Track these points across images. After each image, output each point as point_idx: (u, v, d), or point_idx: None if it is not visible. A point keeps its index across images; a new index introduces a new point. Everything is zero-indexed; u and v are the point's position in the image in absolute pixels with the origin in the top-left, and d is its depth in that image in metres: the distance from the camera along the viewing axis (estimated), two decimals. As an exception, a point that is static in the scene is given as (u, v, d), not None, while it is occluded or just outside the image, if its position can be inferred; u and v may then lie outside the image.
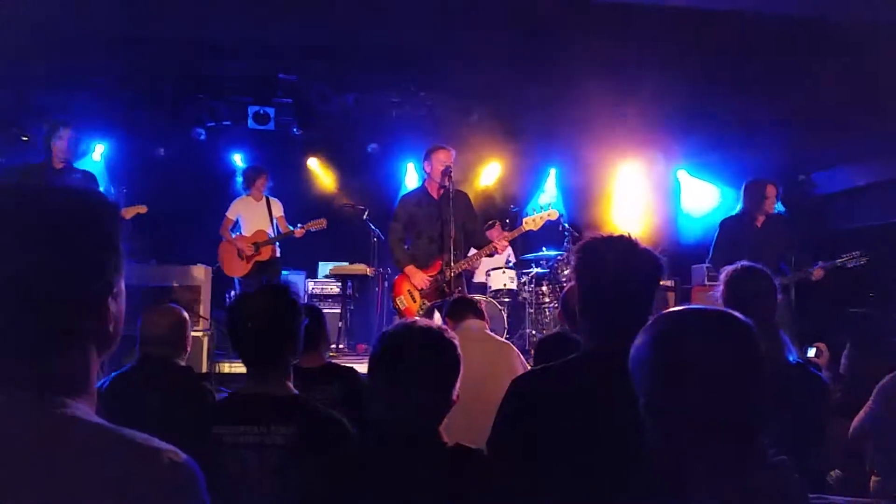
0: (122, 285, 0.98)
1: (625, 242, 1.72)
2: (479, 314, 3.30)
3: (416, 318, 1.73)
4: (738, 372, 1.12)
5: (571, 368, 1.72)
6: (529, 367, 3.26)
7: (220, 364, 5.95)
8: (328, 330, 3.08)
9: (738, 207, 5.60)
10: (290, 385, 1.93)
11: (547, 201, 9.34)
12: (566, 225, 7.32)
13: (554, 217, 5.10)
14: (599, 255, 1.71)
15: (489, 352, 3.05)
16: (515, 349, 3.28)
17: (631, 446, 1.21)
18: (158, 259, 6.79)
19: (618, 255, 1.69)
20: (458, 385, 1.61)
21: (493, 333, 3.36)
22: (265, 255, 6.66)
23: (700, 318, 1.18)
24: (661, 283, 1.67)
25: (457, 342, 1.63)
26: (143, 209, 5.66)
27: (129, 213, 5.49)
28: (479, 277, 7.61)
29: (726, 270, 2.53)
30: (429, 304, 4.85)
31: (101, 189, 6.54)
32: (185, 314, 2.94)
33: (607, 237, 1.75)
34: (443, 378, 1.59)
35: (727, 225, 5.58)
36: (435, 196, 5.00)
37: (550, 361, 1.78)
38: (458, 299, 3.49)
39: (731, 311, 1.21)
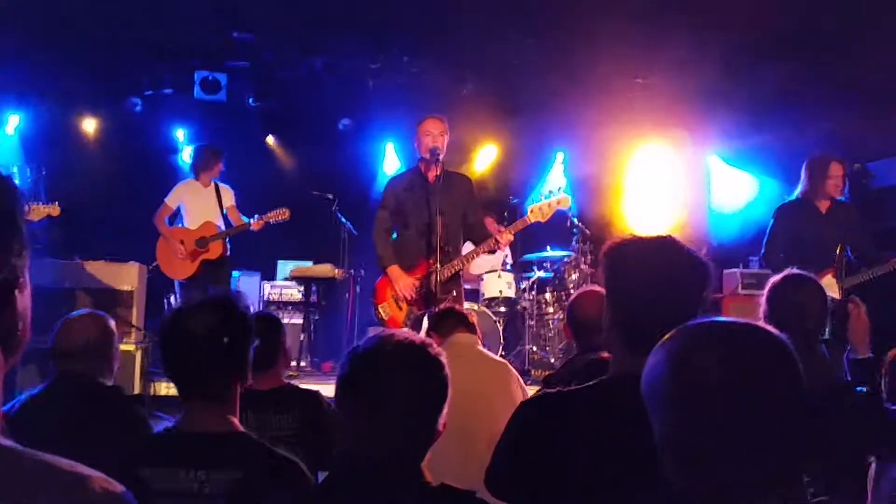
0: (28, 276, 0.98)
1: (667, 245, 1.72)
2: (469, 327, 3.30)
3: (397, 329, 1.72)
4: (771, 397, 1.11)
5: (597, 393, 1.71)
6: (528, 392, 3.28)
7: (157, 384, 5.92)
8: (287, 344, 3.07)
9: (798, 191, 5.45)
10: (236, 421, 1.91)
11: (556, 187, 9.36)
12: (575, 220, 7.33)
13: (566, 205, 5.06)
14: (638, 260, 1.71)
15: (482, 372, 3.06)
16: (513, 370, 3.29)
17: (665, 487, 1.21)
18: (83, 256, 6.73)
19: (659, 260, 1.69)
20: (444, 412, 1.61)
21: (486, 350, 3.36)
22: (214, 252, 6.62)
23: (725, 332, 1.17)
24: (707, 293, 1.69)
25: (444, 359, 1.63)
26: (54, 211, 5.56)
27: (37, 213, 5.39)
28: (470, 282, 7.61)
29: (770, 281, 2.55)
30: (417, 312, 4.83)
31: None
32: (112, 323, 2.90)
33: (646, 238, 1.75)
34: (427, 404, 1.58)
35: (785, 213, 5.43)
36: (430, 180, 4.99)
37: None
38: (445, 310, 3.49)
39: (763, 324, 1.20)
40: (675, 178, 8.64)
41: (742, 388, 1.10)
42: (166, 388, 5.91)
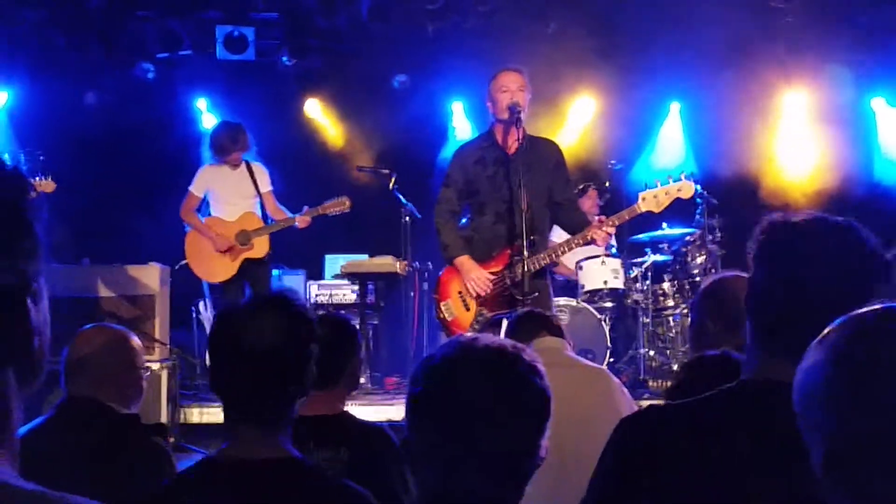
0: (43, 284, 1.01)
1: (851, 234, 1.71)
2: (554, 330, 3.30)
3: (475, 334, 1.73)
4: None
5: (723, 404, 1.70)
6: (635, 405, 3.25)
7: (187, 409, 6.08)
8: (360, 358, 3.01)
9: None
10: (291, 447, 1.95)
11: (671, 154, 9.21)
12: (699, 188, 7.21)
13: (688, 194, 4.96)
14: (815, 249, 1.71)
15: (575, 382, 3.04)
16: (614, 377, 3.27)
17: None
18: (92, 258, 6.95)
19: (840, 252, 1.69)
20: (547, 434, 1.60)
21: (578, 357, 3.35)
22: (259, 249, 6.67)
23: None
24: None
25: (542, 367, 1.62)
26: (48, 186, 5.74)
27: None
28: (565, 271, 7.56)
29: None
30: (489, 314, 4.83)
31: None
32: (135, 340, 2.94)
33: (826, 222, 1.75)
34: (527, 426, 1.57)
35: None
36: (507, 150, 4.97)
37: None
38: (525, 313, 3.49)
39: None
40: (825, 130, 8.43)
41: None
42: (199, 415, 6.06)
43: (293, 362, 1.95)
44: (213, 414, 6.02)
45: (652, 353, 7.13)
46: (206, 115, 8.90)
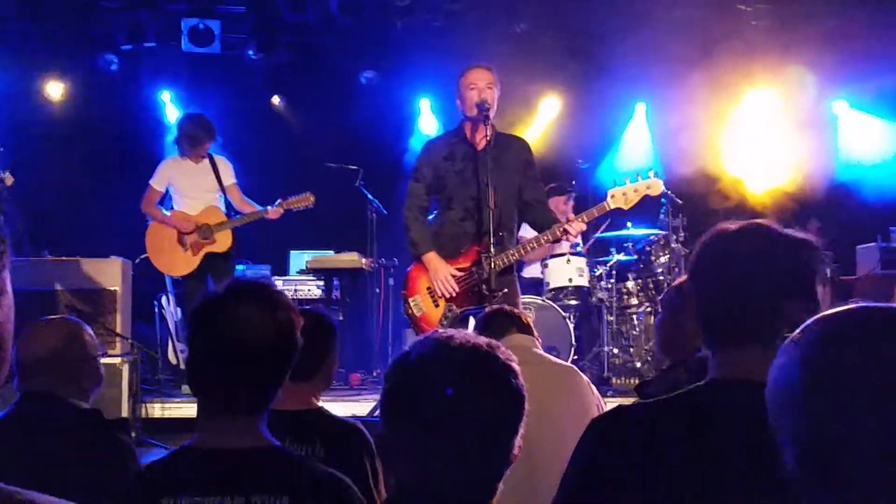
0: (7, 279, 0.99)
1: (759, 233, 1.77)
2: (523, 328, 3.31)
3: (447, 330, 1.73)
4: None
5: (688, 403, 1.71)
6: (604, 403, 3.28)
7: (149, 405, 6.02)
8: (336, 354, 2.98)
9: None
10: (269, 435, 1.95)
11: (637, 154, 9.27)
12: (663, 189, 7.25)
13: (656, 192, 5.02)
14: (722, 254, 1.78)
15: (546, 380, 3.05)
16: (582, 374, 3.29)
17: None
18: (53, 251, 6.86)
19: (748, 251, 1.75)
20: (521, 432, 1.59)
21: (547, 354, 3.37)
22: (222, 244, 6.63)
23: (877, 319, 1.14)
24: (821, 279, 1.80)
25: (516, 366, 1.61)
26: (7, 180, 5.67)
27: None
28: (532, 270, 7.57)
29: None
30: (457, 310, 4.83)
31: None
32: (88, 330, 2.91)
33: (736, 231, 1.81)
34: (501, 424, 1.57)
35: None
36: (476, 146, 4.96)
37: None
38: (495, 310, 3.50)
39: None
40: (789, 131, 8.52)
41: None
42: (160, 410, 6.01)
43: (278, 350, 1.94)
44: (174, 409, 5.99)
45: (616, 350, 7.17)
46: (170, 108, 8.85)
